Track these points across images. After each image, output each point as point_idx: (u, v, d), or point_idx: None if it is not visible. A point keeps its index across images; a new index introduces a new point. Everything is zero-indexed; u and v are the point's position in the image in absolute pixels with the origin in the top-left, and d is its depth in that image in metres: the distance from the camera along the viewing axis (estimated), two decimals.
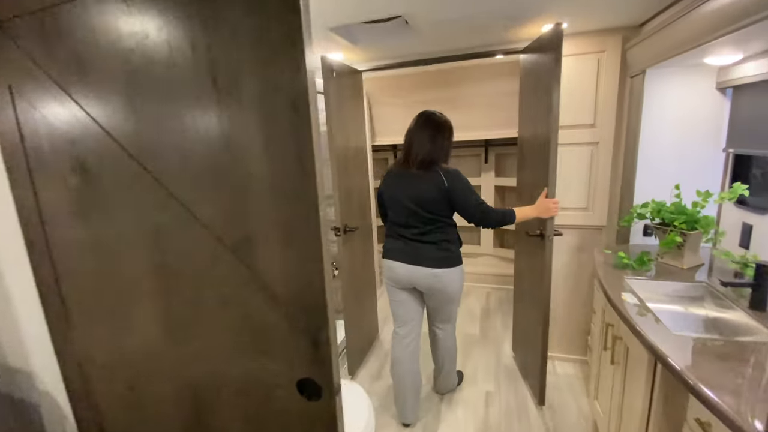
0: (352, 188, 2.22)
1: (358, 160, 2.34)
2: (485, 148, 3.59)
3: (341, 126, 2.06)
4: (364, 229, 2.45)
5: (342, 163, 2.07)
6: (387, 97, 3.29)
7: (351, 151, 2.21)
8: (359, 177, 2.35)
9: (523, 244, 2.16)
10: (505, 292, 3.44)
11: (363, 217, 2.43)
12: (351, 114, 2.22)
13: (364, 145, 2.46)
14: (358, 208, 2.34)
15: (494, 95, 3.09)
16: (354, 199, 2.25)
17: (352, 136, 2.21)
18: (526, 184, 2.08)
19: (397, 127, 3.44)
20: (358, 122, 2.34)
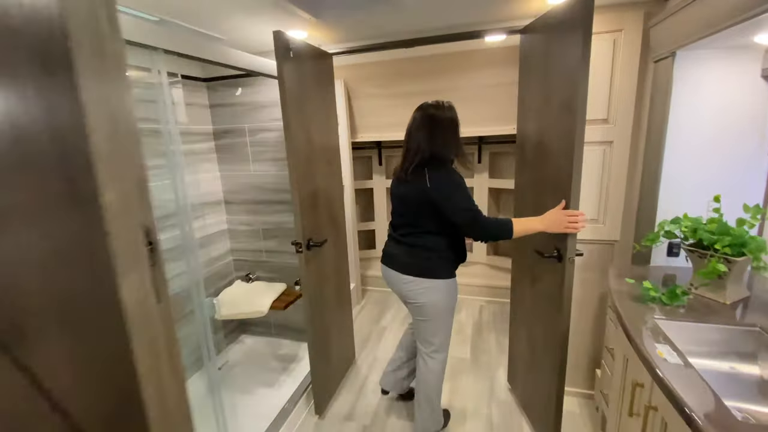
0: (318, 193, 1.85)
1: (329, 160, 1.98)
2: (478, 146, 3.24)
3: (302, 119, 1.69)
4: (337, 240, 2.09)
5: (304, 164, 1.70)
6: (368, 88, 2.92)
7: (317, 148, 1.84)
8: (329, 179, 1.99)
9: (525, 261, 1.81)
10: (500, 306, 3.10)
11: (335, 226, 2.07)
12: (318, 104, 1.85)
13: (336, 143, 2.10)
14: (329, 216, 1.98)
15: (488, 86, 2.74)
16: (322, 206, 1.89)
17: (318, 130, 1.85)
18: (527, 188, 1.73)
19: (380, 121, 3.07)
20: (327, 115, 1.98)
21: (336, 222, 2.08)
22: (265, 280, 2.46)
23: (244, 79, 2.22)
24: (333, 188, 2.04)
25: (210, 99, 2.31)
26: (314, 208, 1.82)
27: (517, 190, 1.87)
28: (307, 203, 1.75)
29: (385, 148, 3.49)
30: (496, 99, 2.76)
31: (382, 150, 3.51)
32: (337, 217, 2.10)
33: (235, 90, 2.24)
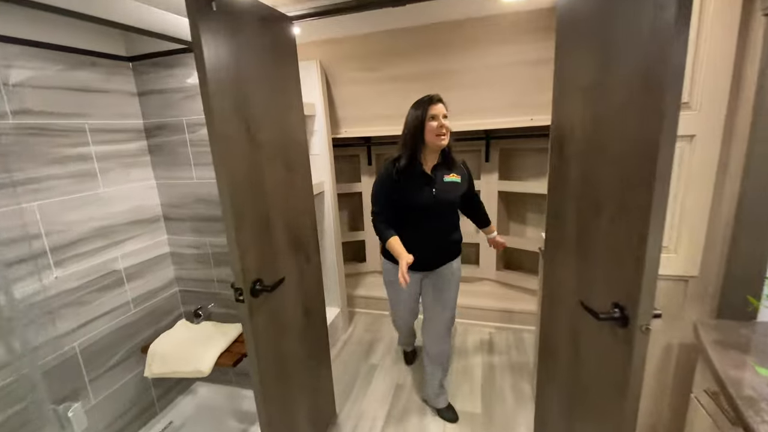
0: (272, 212, 1.31)
1: (289, 164, 1.43)
2: (486, 141, 2.70)
3: (240, 108, 1.14)
4: (305, 272, 1.56)
5: (244, 173, 1.16)
6: (351, 71, 2.36)
7: (269, 150, 1.30)
8: (291, 190, 1.45)
9: (562, 310, 1.28)
10: (513, 334, 2.58)
11: (301, 252, 1.54)
12: (270, 88, 1.31)
13: (302, 140, 1.55)
14: (290, 241, 1.44)
15: (501, 66, 2.18)
16: (278, 230, 1.36)
17: (271, 125, 1.30)
18: (568, 204, 1.19)
19: (368, 113, 2.52)
20: (288, 103, 1.43)
21: (302, 246, 1.54)
22: (219, 317, 1.93)
23: (180, 56, 1.66)
24: (297, 202, 1.50)
25: (138, 84, 1.75)
26: (264, 235, 1.28)
27: (551, 206, 1.33)
28: (253, 229, 1.21)
29: (376, 145, 2.94)
30: (510, 82, 2.21)
31: (371, 147, 2.96)
32: (305, 240, 1.56)
33: (171, 71, 1.68)
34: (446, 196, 1.56)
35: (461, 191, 1.61)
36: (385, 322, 2.81)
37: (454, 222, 1.67)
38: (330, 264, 2.57)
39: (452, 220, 1.66)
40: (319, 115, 2.31)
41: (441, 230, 1.63)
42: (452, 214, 1.65)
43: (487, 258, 2.93)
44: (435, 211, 1.57)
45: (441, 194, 1.55)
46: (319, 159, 2.38)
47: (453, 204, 1.61)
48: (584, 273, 1.09)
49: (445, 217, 1.62)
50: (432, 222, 1.59)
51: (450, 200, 1.58)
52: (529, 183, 2.68)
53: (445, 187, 1.56)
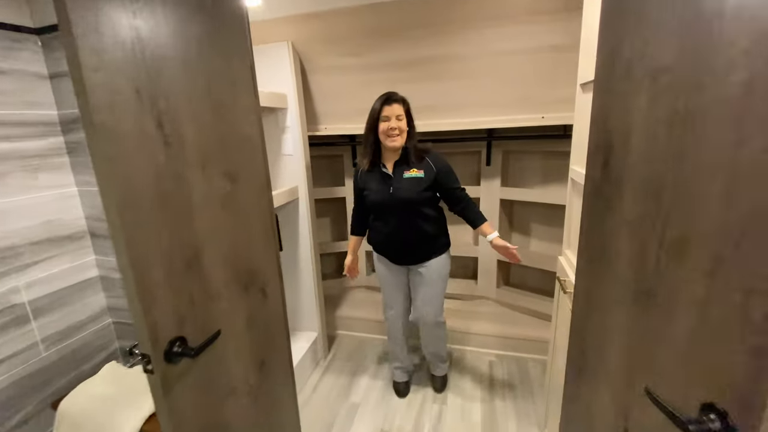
0: (203, 240, 0.95)
1: (231, 174, 1.06)
2: (487, 142, 2.35)
3: (146, 88, 0.77)
4: (259, 315, 1.19)
5: (153, 186, 0.80)
6: (330, 56, 1.99)
7: (199, 151, 0.93)
8: (233, 207, 1.08)
9: (610, 388, 0.93)
10: (517, 363, 2.25)
11: (252, 288, 1.17)
12: (201, 66, 0.93)
13: (254, 136, 1.17)
14: (232, 277, 1.07)
15: (510, 52, 1.83)
16: (214, 264, 0.99)
17: (201, 116, 0.93)
18: (621, 238, 0.84)
19: (351, 107, 2.16)
20: (228, 86, 1.05)
21: (255, 280, 1.17)
22: None
23: None
24: (246, 222, 1.13)
25: (49, 64, 1.36)
26: (189, 274, 0.91)
27: (586, 241, 0.98)
28: (168, 268, 0.84)
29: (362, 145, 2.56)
30: (520, 73, 1.86)
31: (356, 147, 2.59)
32: (258, 271, 1.19)
33: None
34: (404, 194, 1.58)
35: (423, 186, 1.58)
36: (370, 347, 2.46)
37: (423, 219, 1.63)
38: (305, 283, 2.21)
39: (419, 216, 1.63)
40: (292, 109, 1.94)
41: (405, 227, 1.63)
42: (417, 210, 1.61)
43: (486, 274, 2.59)
44: (394, 208, 1.61)
45: (398, 191, 1.58)
46: (293, 161, 2.01)
47: (412, 200, 1.59)
48: (649, 345, 0.74)
49: (407, 214, 1.61)
50: (395, 219, 1.63)
51: (408, 197, 1.58)
52: (535, 190, 2.34)
53: (403, 185, 1.58)
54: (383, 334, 2.51)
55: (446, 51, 1.88)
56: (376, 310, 2.59)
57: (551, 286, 2.59)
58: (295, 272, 2.20)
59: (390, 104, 1.54)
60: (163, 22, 0.82)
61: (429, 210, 1.64)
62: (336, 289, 2.87)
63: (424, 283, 1.74)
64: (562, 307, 1.38)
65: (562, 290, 1.31)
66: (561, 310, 1.42)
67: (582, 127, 1.34)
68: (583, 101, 1.33)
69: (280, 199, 1.91)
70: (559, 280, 1.38)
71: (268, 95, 1.81)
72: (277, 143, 2.01)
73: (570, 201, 1.45)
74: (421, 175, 1.59)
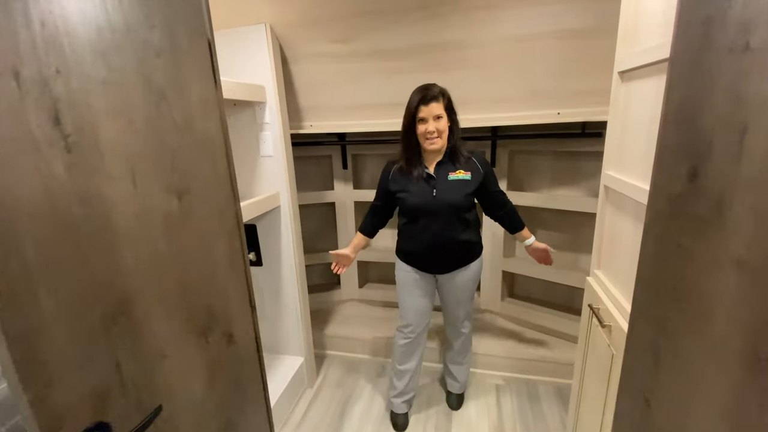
0: (132, 281, 0.69)
1: (178, 183, 0.80)
2: (492, 141, 2.11)
3: (28, 66, 0.51)
4: (221, 367, 0.93)
5: (46, 211, 0.53)
6: (316, 43, 1.73)
7: (123, 157, 0.67)
8: (180, 232, 0.81)
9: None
10: (526, 386, 2.03)
11: (211, 334, 0.91)
12: (127, 36, 0.67)
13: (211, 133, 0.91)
14: (183, 324, 0.81)
15: (523, 38, 1.60)
16: (153, 312, 0.73)
17: (128, 109, 0.67)
18: (736, 269, 0.61)
19: (341, 101, 1.90)
20: (171, 66, 0.79)
21: (215, 322, 0.91)
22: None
23: None
24: (201, 249, 0.86)
25: None
26: (110, 333, 0.65)
27: (654, 273, 0.74)
28: (77, 328, 0.58)
29: (353, 144, 2.31)
30: (533, 62, 1.63)
31: (347, 147, 2.33)
32: (219, 310, 0.93)
33: None
34: (449, 197, 1.46)
35: (470, 189, 1.47)
36: (363, 370, 2.21)
37: (463, 223, 1.51)
38: (288, 302, 1.95)
39: (459, 221, 1.50)
40: (271, 103, 1.67)
41: (445, 232, 1.49)
42: (458, 215, 1.49)
43: (490, 286, 2.36)
44: (436, 212, 1.47)
45: (443, 194, 1.46)
46: (273, 163, 1.75)
47: (458, 205, 1.47)
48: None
49: (449, 219, 1.48)
50: (434, 224, 1.49)
51: (454, 201, 1.46)
52: (544, 195, 2.11)
53: (448, 186, 1.46)
54: (378, 354, 2.26)
55: (448, 37, 1.63)
56: (370, 328, 2.34)
57: (559, 299, 2.39)
58: (277, 289, 1.94)
59: (427, 104, 1.39)
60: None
61: (469, 215, 1.52)
62: (325, 303, 2.61)
63: (456, 288, 1.63)
64: (598, 344, 1.15)
65: (599, 323, 1.08)
66: (594, 348, 1.19)
67: (621, 125, 1.10)
68: (622, 93, 1.10)
69: (258, 208, 1.64)
70: (592, 308, 1.15)
71: (243, 87, 1.54)
72: (254, 143, 1.73)
73: (602, 212, 1.22)
74: (468, 177, 1.47)
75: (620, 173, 1.10)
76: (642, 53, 0.97)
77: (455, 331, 1.78)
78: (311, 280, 2.68)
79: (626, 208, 1.06)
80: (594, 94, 1.60)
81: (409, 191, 1.49)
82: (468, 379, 1.95)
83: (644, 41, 0.99)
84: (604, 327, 1.06)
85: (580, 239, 2.12)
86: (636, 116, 1.01)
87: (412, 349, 1.72)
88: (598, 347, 1.16)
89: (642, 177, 0.96)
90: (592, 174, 1.98)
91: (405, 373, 1.75)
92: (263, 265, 1.93)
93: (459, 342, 1.80)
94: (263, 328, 2.04)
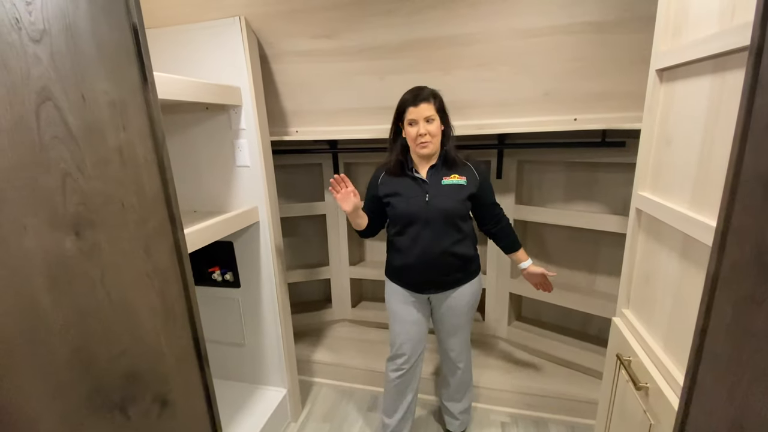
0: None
1: (77, 214, 0.60)
2: (498, 150, 1.90)
3: None
4: None
5: None
6: (297, 39, 1.53)
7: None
8: (82, 278, 0.61)
9: None
10: (535, 426, 1.80)
11: (132, 405, 0.71)
12: None
13: (130, 141, 0.71)
14: (91, 393, 0.61)
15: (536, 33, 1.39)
16: (41, 394, 0.53)
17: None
18: None
19: (329, 105, 1.71)
20: (57, 58, 0.59)
21: (146, 385, 0.71)
22: None
23: None
24: (119, 294, 0.66)
25: None
26: None
27: (721, 345, 0.53)
28: None
29: (345, 152, 2.11)
30: (547, 60, 1.42)
31: (338, 155, 2.13)
32: (154, 370, 0.73)
33: None
34: (443, 203, 1.34)
35: (465, 194, 1.35)
36: (354, 400, 2.00)
37: (458, 233, 1.37)
38: (269, 326, 1.74)
39: (454, 230, 1.36)
40: (247, 107, 1.48)
41: (438, 243, 1.36)
42: (453, 223, 1.36)
43: (496, 308, 2.14)
44: (428, 220, 1.34)
45: (436, 200, 1.34)
46: (250, 174, 1.55)
47: (452, 211, 1.34)
48: None
49: (442, 228, 1.35)
50: (426, 233, 1.35)
51: (448, 207, 1.34)
52: (557, 210, 1.89)
53: (442, 192, 1.35)
54: (370, 383, 2.05)
55: (448, 31, 1.42)
56: (362, 354, 2.13)
57: (573, 324, 2.15)
58: (257, 313, 1.74)
59: (417, 104, 1.28)
60: None
61: (464, 225, 1.39)
62: (314, 324, 2.40)
63: (452, 312, 1.47)
64: (628, 404, 0.93)
65: (632, 381, 0.86)
66: (623, 409, 0.97)
67: (661, 135, 0.89)
68: (661, 95, 0.89)
69: (233, 224, 1.45)
70: (620, 359, 0.93)
71: (215, 88, 1.35)
72: (229, 152, 1.54)
73: (633, 240, 1.00)
74: (462, 182, 1.36)
75: (659, 195, 0.88)
76: (691, 46, 0.76)
77: (451, 366, 1.58)
78: (299, 297, 2.48)
79: (667, 240, 0.84)
80: (617, 97, 1.39)
81: (399, 195, 1.38)
82: (469, 414, 1.73)
83: (694, 31, 0.78)
84: (639, 389, 0.85)
85: (598, 260, 1.90)
86: (682, 125, 0.80)
87: (406, 382, 1.51)
88: (628, 408, 0.94)
89: (692, 203, 0.75)
90: (613, 188, 1.76)
91: (398, 411, 1.54)
92: (241, 286, 1.73)
93: (455, 379, 1.60)
94: (242, 356, 1.84)
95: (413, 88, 1.32)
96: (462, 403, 1.66)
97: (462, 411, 1.67)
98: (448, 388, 1.64)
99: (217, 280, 1.71)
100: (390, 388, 1.53)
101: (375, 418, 1.85)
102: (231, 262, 1.70)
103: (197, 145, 1.57)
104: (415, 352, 1.49)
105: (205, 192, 1.62)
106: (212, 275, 1.70)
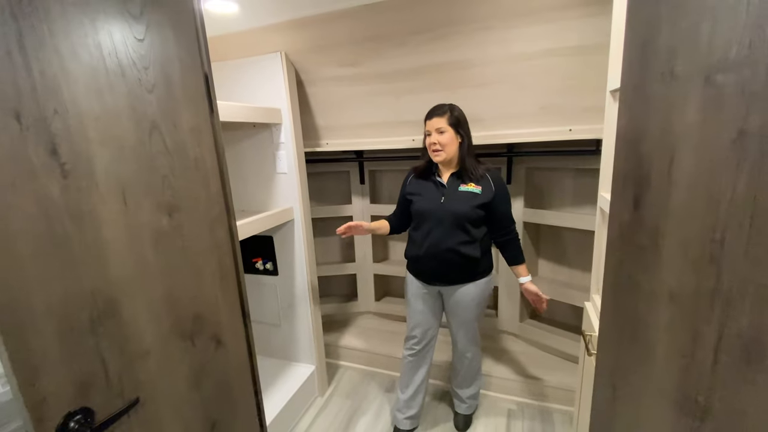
0: (121, 288, 0.79)
1: (170, 201, 0.90)
2: (508, 158, 2.08)
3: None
4: (209, 367, 1.02)
5: (23, 233, 0.64)
6: (329, 67, 1.83)
7: (113, 179, 0.77)
8: (170, 247, 0.91)
9: None
10: (540, 414, 1.93)
11: (200, 337, 1.00)
12: (111, 79, 0.78)
13: (201, 154, 1.01)
14: (171, 327, 0.90)
15: (531, 56, 1.59)
16: (140, 315, 0.83)
17: (111, 136, 0.78)
18: (666, 302, 0.58)
19: (355, 120, 2.00)
20: (166, 87, 0.90)
21: (203, 327, 1.00)
22: None
23: None
24: (191, 259, 0.96)
25: None
26: (98, 333, 0.74)
27: (613, 301, 0.71)
28: (62, 328, 0.68)
29: (370, 161, 2.38)
30: (543, 79, 1.61)
31: (364, 163, 2.41)
32: (209, 316, 1.02)
33: None
34: (455, 206, 1.50)
35: (478, 202, 1.49)
36: (374, 382, 2.23)
37: (466, 235, 1.51)
38: (301, 311, 2.03)
39: (463, 232, 1.51)
40: (286, 124, 1.79)
41: (445, 241, 1.51)
42: (462, 225, 1.50)
43: (509, 305, 2.29)
44: (440, 219, 1.51)
45: (450, 203, 1.51)
46: (287, 179, 1.86)
47: (463, 214, 1.49)
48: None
49: (452, 228, 1.51)
50: (437, 230, 1.53)
51: (459, 210, 1.49)
52: (565, 213, 2.03)
53: (457, 196, 1.51)
54: (390, 368, 2.27)
55: (456, 56, 1.65)
56: (383, 342, 2.36)
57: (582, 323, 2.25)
58: (291, 298, 2.04)
59: (431, 118, 1.50)
60: (61, 28, 0.67)
61: (475, 230, 1.53)
62: (342, 314, 2.67)
63: (459, 307, 1.62)
64: (589, 372, 1.10)
65: (587, 351, 1.03)
66: (588, 376, 1.14)
67: (613, 144, 1.06)
68: (613, 111, 1.07)
69: (272, 221, 1.75)
70: (584, 336, 1.10)
71: (260, 110, 1.67)
72: (271, 161, 1.86)
73: (599, 235, 1.17)
74: (477, 191, 1.51)
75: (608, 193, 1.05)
76: None
77: (459, 356, 1.76)
78: (329, 290, 2.76)
79: None
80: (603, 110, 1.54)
81: (421, 195, 1.58)
82: (476, 400, 1.90)
83: None
84: (591, 355, 1.01)
85: None
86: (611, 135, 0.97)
87: (418, 361, 1.73)
88: (591, 375, 1.11)
89: None
90: None
91: (410, 386, 1.75)
92: (279, 274, 2.03)
93: (463, 368, 1.77)
94: (278, 335, 2.15)
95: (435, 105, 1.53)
96: (470, 389, 1.83)
97: (470, 396, 1.85)
98: (457, 375, 1.83)
99: (259, 269, 2.03)
100: (404, 364, 1.76)
101: (392, 398, 2.07)
102: (271, 254, 2.02)
103: (246, 156, 1.91)
104: (425, 336, 1.70)
105: (251, 194, 1.95)
106: (255, 264, 2.03)
